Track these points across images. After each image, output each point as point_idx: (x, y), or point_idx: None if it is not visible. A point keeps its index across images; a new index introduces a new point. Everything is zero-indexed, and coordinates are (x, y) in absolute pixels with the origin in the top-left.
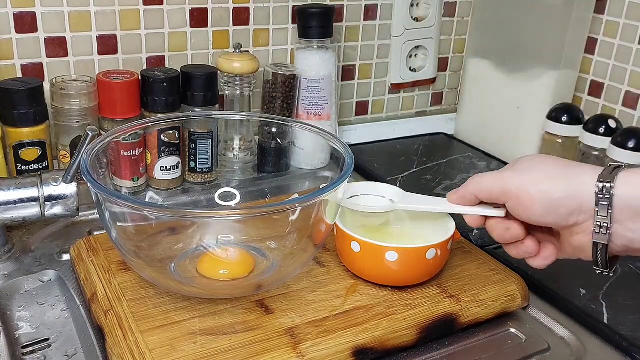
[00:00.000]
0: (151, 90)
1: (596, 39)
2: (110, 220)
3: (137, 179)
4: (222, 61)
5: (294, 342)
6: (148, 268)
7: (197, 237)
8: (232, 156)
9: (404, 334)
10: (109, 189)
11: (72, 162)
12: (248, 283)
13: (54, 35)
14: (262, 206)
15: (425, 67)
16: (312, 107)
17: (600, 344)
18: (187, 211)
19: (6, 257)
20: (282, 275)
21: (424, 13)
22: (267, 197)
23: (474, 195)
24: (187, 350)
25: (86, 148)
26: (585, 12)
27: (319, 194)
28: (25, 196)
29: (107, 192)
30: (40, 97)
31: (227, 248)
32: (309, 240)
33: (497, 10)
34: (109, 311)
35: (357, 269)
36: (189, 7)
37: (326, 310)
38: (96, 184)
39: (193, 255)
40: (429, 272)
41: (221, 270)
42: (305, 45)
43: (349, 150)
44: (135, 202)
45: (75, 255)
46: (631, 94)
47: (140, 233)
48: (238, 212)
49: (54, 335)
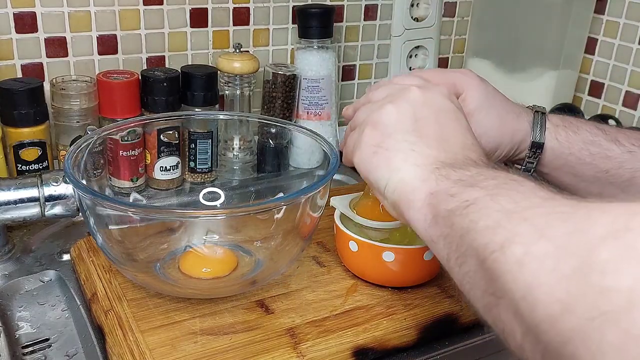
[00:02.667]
0: (151, 90)
1: (596, 39)
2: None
3: (136, 179)
4: (222, 61)
5: (294, 342)
6: (133, 270)
7: (183, 237)
8: (232, 156)
9: (404, 334)
10: (89, 188)
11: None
12: (237, 281)
13: (54, 35)
14: (246, 205)
15: (425, 67)
16: (312, 107)
17: None
18: (171, 211)
19: (6, 257)
20: (273, 270)
21: (424, 13)
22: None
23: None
24: (187, 349)
25: (72, 148)
26: (585, 12)
27: (302, 193)
28: (25, 196)
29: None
30: (40, 97)
31: (210, 246)
32: (297, 236)
33: (497, 10)
34: (109, 311)
35: (355, 268)
36: (189, 7)
37: (326, 310)
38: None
39: (178, 256)
40: (428, 273)
41: (204, 268)
42: (305, 45)
43: (335, 152)
44: (118, 203)
45: (76, 255)
46: (631, 94)
47: (125, 234)
48: (222, 212)
49: (55, 335)
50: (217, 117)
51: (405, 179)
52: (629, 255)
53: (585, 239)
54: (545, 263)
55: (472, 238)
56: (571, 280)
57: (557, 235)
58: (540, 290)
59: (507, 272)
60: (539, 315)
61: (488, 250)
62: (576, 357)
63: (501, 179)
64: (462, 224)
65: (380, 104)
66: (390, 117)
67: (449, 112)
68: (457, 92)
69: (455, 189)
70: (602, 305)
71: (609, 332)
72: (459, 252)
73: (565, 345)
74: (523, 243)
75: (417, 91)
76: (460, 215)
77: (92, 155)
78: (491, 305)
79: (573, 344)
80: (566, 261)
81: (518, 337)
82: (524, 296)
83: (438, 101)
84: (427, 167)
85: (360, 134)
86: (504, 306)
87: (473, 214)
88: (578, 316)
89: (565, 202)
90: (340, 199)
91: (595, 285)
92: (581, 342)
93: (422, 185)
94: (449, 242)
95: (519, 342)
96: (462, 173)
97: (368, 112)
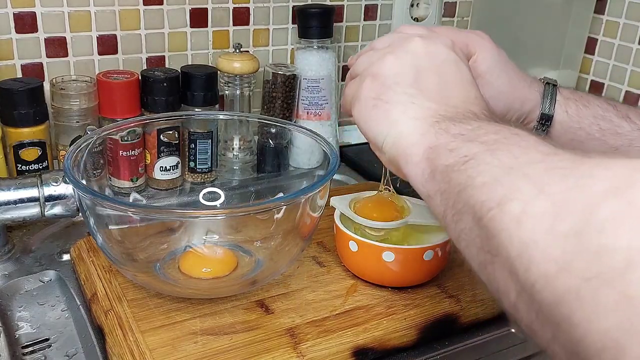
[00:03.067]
0: (151, 90)
1: (596, 39)
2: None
3: (136, 179)
4: (222, 61)
5: (294, 342)
6: (133, 270)
7: (182, 237)
8: (232, 156)
9: (404, 334)
10: (88, 188)
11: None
12: (237, 281)
13: (54, 35)
14: (246, 205)
15: None
16: (312, 107)
17: None
18: (171, 211)
19: (6, 258)
20: (273, 270)
21: (424, 13)
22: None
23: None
24: (187, 350)
25: (72, 148)
26: (585, 12)
27: (302, 193)
28: (25, 196)
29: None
30: (40, 97)
31: (210, 246)
32: (297, 236)
33: (497, 10)
34: (109, 311)
35: (355, 268)
36: (189, 7)
37: (326, 310)
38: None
39: (178, 256)
40: (428, 273)
41: (204, 268)
42: (305, 45)
43: (334, 152)
44: (118, 203)
45: (76, 256)
46: (631, 94)
47: (125, 234)
48: (222, 212)
49: (54, 335)
50: (217, 117)
51: (403, 133)
52: (629, 214)
53: (585, 196)
54: (542, 221)
55: (469, 195)
56: (568, 239)
57: (556, 191)
58: (536, 249)
59: (503, 230)
60: (534, 274)
61: (485, 208)
62: (571, 317)
63: (502, 133)
64: (459, 180)
65: (381, 53)
66: (391, 68)
67: (451, 64)
68: (470, 53)
69: (454, 144)
70: (598, 266)
71: (605, 293)
72: (455, 209)
73: (560, 306)
74: (521, 200)
75: (420, 41)
76: (458, 171)
77: (92, 155)
78: (486, 263)
79: (567, 305)
80: (564, 219)
81: (512, 296)
82: (519, 255)
83: (441, 52)
84: (426, 120)
85: (359, 85)
86: (499, 264)
87: (471, 169)
88: (574, 276)
89: (567, 157)
90: (340, 199)
91: (592, 244)
92: (576, 303)
93: (420, 139)
94: (446, 199)
95: (513, 301)
96: (462, 127)
97: (368, 62)
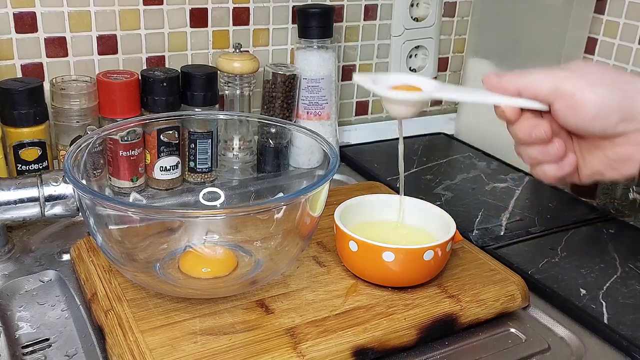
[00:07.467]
0: (151, 90)
1: (596, 39)
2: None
3: (136, 179)
4: (222, 61)
5: (294, 342)
6: (133, 270)
7: (182, 237)
8: (232, 156)
9: (404, 334)
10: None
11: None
12: (237, 281)
13: (54, 35)
14: (246, 205)
15: (425, 67)
16: (312, 107)
17: (600, 344)
18: (171, 211)
19: (6, 257)
20: (273, 270)
21: (423, 13)
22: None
23: (517, 90)
24: (187, 350)
25: (72, 148)
26: (585, 12)
27: (302, 193)
28: (25, 196)
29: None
30: (40, 97)
31: (210, 246)
32: (296, 236)
33: (497, 10)
34: (109, 311)
35: (355, 268)
36: (189, 7)
37: (326, 310)
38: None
39: (178, 256)
40: (428, 273)
41: (204, 268)
42: (305, 45)
43: (334, 152)
44: (118, 203)
45: (76, 255)
46: None
47: (125, 234)
48: (222, 212)
49: (54, 335)
50: (217, 117)
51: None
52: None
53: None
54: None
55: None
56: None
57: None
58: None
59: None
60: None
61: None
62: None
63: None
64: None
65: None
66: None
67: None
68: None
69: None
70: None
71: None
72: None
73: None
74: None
75: None
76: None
77: (92, 155)
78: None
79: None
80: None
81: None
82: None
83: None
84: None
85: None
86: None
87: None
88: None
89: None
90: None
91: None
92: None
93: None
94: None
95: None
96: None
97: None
